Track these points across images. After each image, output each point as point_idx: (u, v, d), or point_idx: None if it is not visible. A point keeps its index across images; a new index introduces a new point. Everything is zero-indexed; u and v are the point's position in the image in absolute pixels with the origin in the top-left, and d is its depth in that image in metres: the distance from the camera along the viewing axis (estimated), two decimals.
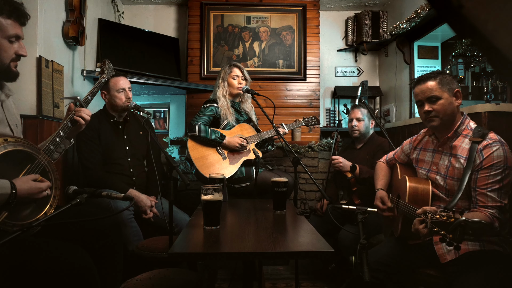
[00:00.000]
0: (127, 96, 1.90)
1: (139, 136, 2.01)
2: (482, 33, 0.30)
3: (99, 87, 1.55)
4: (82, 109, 1.35)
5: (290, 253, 0.97)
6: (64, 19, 2.10)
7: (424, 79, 1.33)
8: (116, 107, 1.90)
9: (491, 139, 1.22)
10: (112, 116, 1.94)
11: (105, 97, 1.92)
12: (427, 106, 1.31)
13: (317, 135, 3.07)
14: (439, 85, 1.29)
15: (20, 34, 1.16)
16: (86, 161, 1.82)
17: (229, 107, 2.19)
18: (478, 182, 1.21)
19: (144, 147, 2.01)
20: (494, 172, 1.18)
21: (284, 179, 1.46)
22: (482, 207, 1.19)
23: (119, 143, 1.92)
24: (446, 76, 1.32)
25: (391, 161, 1.68)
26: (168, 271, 1.26)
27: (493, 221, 1.16)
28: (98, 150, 1.85)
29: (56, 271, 1.06)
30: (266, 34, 3.08)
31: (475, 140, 1.24)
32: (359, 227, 1.13)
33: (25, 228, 0.89)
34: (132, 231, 1.72)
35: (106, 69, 1.70)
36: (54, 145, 1.25)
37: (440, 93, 1.29)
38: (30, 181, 1.09)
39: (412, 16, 2.50)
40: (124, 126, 1.97)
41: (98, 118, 1.91)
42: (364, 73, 3.48)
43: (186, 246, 1.01)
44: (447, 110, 1.29)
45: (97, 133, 1.85)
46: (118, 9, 3.10)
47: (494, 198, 1.18)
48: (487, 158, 1.19)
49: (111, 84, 1.88)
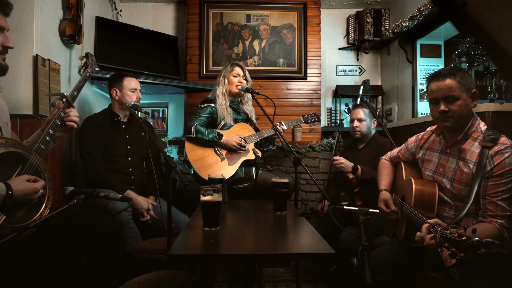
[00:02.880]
0: (138, 96, 1.99)
1: (141, 137, 2.04)
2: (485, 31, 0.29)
3: (84, 82, 1.54)
4: (71, 110, 1.34)
5: (291, 254, 0.97)
6: (61, 17, 2.08)
7: (443, 75, 1.22)
8: (125, 106, 1.94)
9: (503, 144, 1.17)
10: (116, 115, 1.98)
11: (116, 94, 1.96)
12: (443, 106, 1.22)
13: (318, 135, 3.04)
14: (458, 84, 1.20)
15: (5, 25, 1.12)
16: (88, 156, 1.85)
17: (227, 107, 2.16)
18: (488, 190, 1.17)
19: (145, 148, 2.03)
20: (505, 180, 1.14)
21: (285, 180, 1.45)
22: (491, 217, 1.16)
23: (121, 141, 1.96)
24: (466, 74, 1.23)
25: (395, 159, 1.63)
26: (166, 273, 1.25)
27: (502, 232, 1.14)
28: (100, 146, 1.89)
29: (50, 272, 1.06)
30: (266, 32, 3.05)
31: (485, 144, 1.18)
32: (361, 228, 1.12)
33: (22, 230, 0.88)
34: (130, 232, 1.71)
35: (89, 62, 1.71)
36: (45, 144, 1.23)
37: (459, 93, 1.20)
38: (25, 182, 1.08)
39: (415, 14, 2.47)
40: (128, 126, 2.02)
41: (103, 116, 1.98)
42: (366, 72, 3.45)
43: (185, 248, 1.01)
44: (463, 111, 1.21)
45: (100, 130, 1.90)
46: (116, 7, 3.07)
47: (504, 207, 1.15)
48: (499, 165, 1.15)
49: (125, 82, 1.96)
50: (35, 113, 1.79)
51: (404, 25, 2.60)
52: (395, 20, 3.01)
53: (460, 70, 1.26)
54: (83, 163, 1.89)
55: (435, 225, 1.04)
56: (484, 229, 1.13)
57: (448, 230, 0.97)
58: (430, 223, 1.06)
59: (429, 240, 1.05)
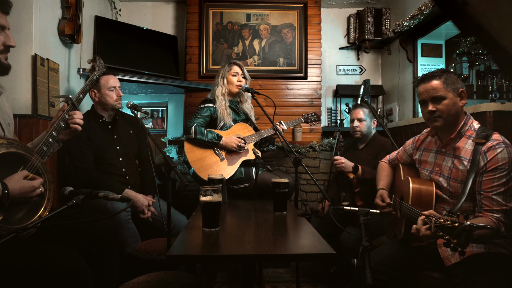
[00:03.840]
0: (118, 94, 1.90)
1: (129, 135, 1.99)
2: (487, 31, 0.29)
3: (90, 85, 1.52)
4: (75, 113, 1.32)
5: (291, 255, 0.96)
6: (60, 17, 2.07)
7: (429, 77, 1.29)
8: (107, 106, 1.89)
9: (495, 140, 1.20)
10: (100, 116, 1.92)
11: (95, 95, 1.90)
12: (431, 106, 1.28)
13: (319, 135, 3.04)
14: (443, 85, 1.26)
15: (5, 24, 1.11)
16: (79, 162, 1.81)
17: (226, 108, 2.15)
18: (482, 186, 1.19)
19: (135, 146, 1.99)
20: (499, 175, 1.17)
21: (285, 180, 1.44)
22: (487, 212, 1.18)
23: (110, 143, 1.91)
24: (451, 75, 1.29)
25: (394, 161, 1.66)
26: (166, 274, 1.25)
27: (499, 226, 1.15)
28: (89, 151, 1.83)
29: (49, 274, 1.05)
30: (266, 32, 3.04)
31: (478, 141, 1.21)
32: (362, 229, 1.12)
33: (20, 230, 0.87)
34: (130, 233, 1.70)
35: (97, 65, 1.67)
36: (47, 146, 1.22)
37: (445, 93, 1.26)
38: (22, 180, 1.06)
39: (416, 13, 2.46)
40: (114, 126, 1.96)
41: (86, 118, 1.86)
42: (366, 71, 3.44)
43: (185, 248, 1.00)
44: (451, 110, 1.26)
45: (86, 134, 1.83)
46: (115, 6, 3.06)
47: (499, 201, 1.16)
48: (491, 160, 1.17)
49: (102, 82, 1.87)
50: (34, 113, 1.78)
51: (405, 25, 2.59)
52: (396, 20, 3.00)
53: (445, 71, 1.31)
54: (76, 170, 1.83)
55: (429, 216, 1.06)
56: (480, 220, 1.15)
57: (442, 219, 0.99)
58: (425, 215, 1.09)
59: (425, 231, 1.06)
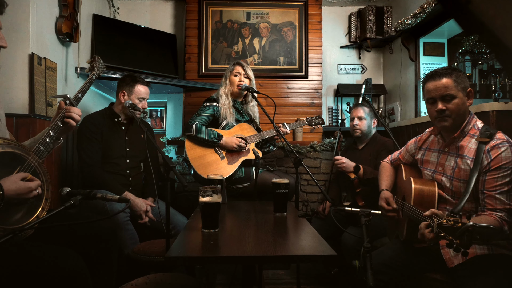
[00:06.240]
0: (144, 106, 1.95)
1: (141, 139, 2.01)
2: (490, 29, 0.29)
3: (89, 84, 1.50)
4: (72, 108, 1.30)
5: (291, 257, 0.95)
6: (57, 15, 2.05)
7: (439, 75, 1.25)
8: (127, 111, 1.90)
9: (499, 139, 1.19)
10: (117, 116, 1.95)
11: (123, 97, 1.91)
12: (441, 105, 1.25)
13: (319, 135, 3.01)
14: (455, 83, 1.23)
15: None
16: (87, 157, 1.82)
17: (230, 107, 2.15)
18: (486, 184, 1.18)
19: (144, 150, 1.99)
20: (502, 174, 1.16)
21: (285, 180, 1.43)
22: (490, 210, 1.17)
23: (120, 143, 1.93)
24: (460, 73, 1.27)
25: (396, 161, 1.65)
26: (165, 276, 1.25)
27: (502, 225, 1.14)
28: (99, 147, 1.85)
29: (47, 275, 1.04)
30: (266, 30, 3.02)
31: (482, 140, 1.20)
32: (363, 230, 1.12)
33: (17, 231, 0.85)
34: (128, 234, 1.69)
35: (96, 65, 1.66)
36: (45, 145, 1.20)
37: (456, 92, 1.23)
38: (19, 181, 1.05)
39: (418, 11, 2.43)
40: (128, 128, 1.98)
41: (102, 116, 1.93)
42: (368, 70, 3.42)
43: (184, 250, 1.00)
44: (460, 110, 1.24)
45: (100, 130, 1.87)
46: (113, 4, 3.04)
47: (503, 200, 1.16)
48: (495, 159, 1.16)
49: (136, 89, 1.92)
50: (31, 112, 1.77)
51: (407, 23, 2.57)
52: (398, 18, 2.97)
53: (455, 69, 1.28)
54: (81, 163, 1.85)
55: (431, 216, 1.06)
56: (483, 219, 1.14)
57: (444, 219, 0.99)
58: (426, 215, 1.09)
59: (428, 234, 1.06)
